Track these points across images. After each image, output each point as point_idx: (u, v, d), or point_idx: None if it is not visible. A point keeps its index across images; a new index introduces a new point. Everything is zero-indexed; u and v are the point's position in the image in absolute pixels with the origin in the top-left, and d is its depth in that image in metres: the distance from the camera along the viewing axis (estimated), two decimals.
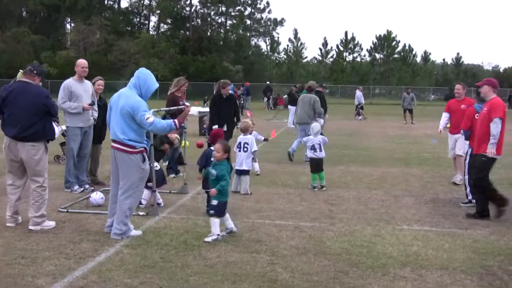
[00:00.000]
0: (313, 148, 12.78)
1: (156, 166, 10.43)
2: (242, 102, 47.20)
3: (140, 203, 10.33)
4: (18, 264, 7.16)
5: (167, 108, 12.12)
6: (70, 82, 11.88)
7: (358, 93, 42.01)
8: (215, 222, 8.47)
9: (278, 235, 8.80)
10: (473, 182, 10.63)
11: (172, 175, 13.89)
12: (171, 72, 77.69)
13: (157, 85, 8.69)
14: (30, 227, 8.83)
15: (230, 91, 15.16)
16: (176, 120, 8.70)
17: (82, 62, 12.08)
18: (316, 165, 12.74)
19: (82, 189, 11.95)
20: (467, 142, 11.79)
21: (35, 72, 9.02)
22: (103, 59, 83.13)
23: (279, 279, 6.82)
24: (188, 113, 9.39)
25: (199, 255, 7.67)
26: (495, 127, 10.21)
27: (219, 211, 8.54)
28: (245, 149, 12.33)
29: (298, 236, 8.80)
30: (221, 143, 8.69)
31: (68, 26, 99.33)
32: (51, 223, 9.02)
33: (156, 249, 7.89)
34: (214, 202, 8.48)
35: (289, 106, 34.79)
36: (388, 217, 10.27)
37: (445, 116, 14.33)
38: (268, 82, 67.47)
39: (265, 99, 57.08)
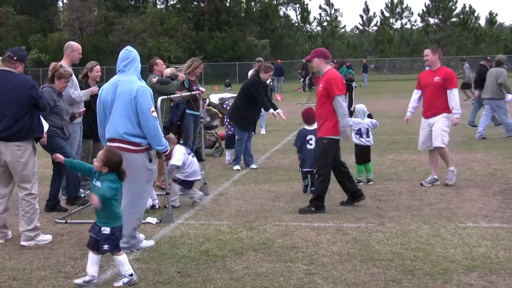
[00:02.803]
0: (359, 132, 12.72)
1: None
2: (272, 84, 47.16)
3: (154, 206, 10.49)
4: (9, 287, 7.23)
5: (179, 95, 12.17)
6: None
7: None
8: (119, 259, 7.30)
9: (316, 240, 8.81)
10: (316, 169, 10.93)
11: None
12: (185, 52, 78.18)
13: None
14: (22, 243, 8.91)
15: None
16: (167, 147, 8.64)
17: (78, 46, 12.08)
18: (363, 154, 12.67)
19: (83, 194, 12.05)
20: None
21: (15, 58, 9.00)
22: (103, 40, 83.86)
23: None
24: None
25: (223, 267, 7.70)
26: (338, 106, 10.40)
27: (116, 242, 7.31)
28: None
29: (341, 239, 8.80)
30: (104, 152, 7.44)
31: (60, 3, 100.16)
32: (46, 237, 9.10)
33: (172, 262, 7.94)
34: (106, 230, 7.22)
35: None
36: (449, 213, 10.22)
37: (415, 95, 12.93)
38: (304, 60, 67.30)
39: (301, 79, 57.07)
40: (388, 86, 45.97)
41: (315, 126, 11.81)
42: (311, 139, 12.05)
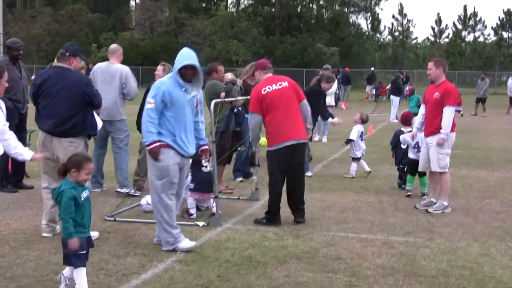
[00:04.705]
0: (416, 146, 12.53)
1: (206, 167, 10.54)
2: (338, 92, 47.04)
3: (190, 213, 10.56)
4: (50, 281, 7.32)
5: (233, 99, 12.18)
6: None
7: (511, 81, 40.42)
8: (79, 272, 6.76)
9: (362, 252, 8.71)
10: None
11: (239, 179, 13.98)
12: (254, 56, 78.15)
13: (184, 63, 8.55)
14: None
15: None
16: (154, 145, 8.54)
17: None
18: (413, 167, 12.49)
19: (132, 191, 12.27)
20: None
21: (67, 54, 9.17)
22: (173, 41, 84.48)
23: None
24: None
25: (264, 274, 7.67)
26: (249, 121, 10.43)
27: (83, 255, 6.79)
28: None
29: (387, 253, 8.69)
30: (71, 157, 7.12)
31: (132, 2, 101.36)
32: (93, 234, 9.09)
33: (213, 266, 7.94)
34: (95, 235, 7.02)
35: (392, 96, 34.49)
36: (502, 232, 10.00)
37: (421, 110, 12.05)
38: (372, 68, 66.89)
39: (369, 87, 56.55)
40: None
41: (410, 128, 13.14)
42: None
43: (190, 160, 9.44)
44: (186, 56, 8.60)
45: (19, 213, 10.78)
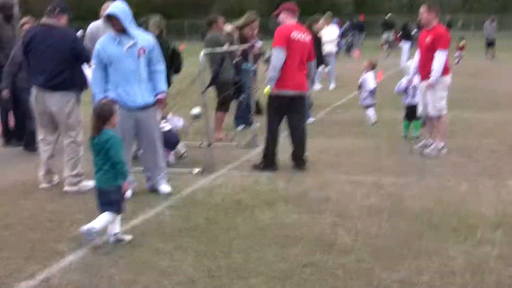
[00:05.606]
0: (406, 91, 12.61)
1: (163, 127, 10.29)
2: (351, 39, 46.90)
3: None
4: (43, 228, 7.56)
5: (226, 48, 12.23)
6: None
7: None
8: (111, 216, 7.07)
9: (351, 193, 8.85)
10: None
11: (241, 127, 14.08)
12: (269, 8, 77.63)
13: (104, 14, 8.80)
14: (65, 188, 9.23)
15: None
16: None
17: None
18: (409, 112, 12.62)
19: None
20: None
21: (56, 11, 9.25)
22: None
23: (338, 243, 6.89)
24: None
25: (250, 217, 7.85)
26: (273, 57, 10.22)
27: (119, 203, 7.16)
28: None
29: (375, 194, 8.82)
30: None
31: None
32: (90, 183, 9.15)
33: (203, 210, 8.14)
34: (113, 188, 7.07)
35: (402, 42, 34.40)
36: (494, 170, 10.09)
37: (416, 56, 11.91)
38: (389, 14, 65.92)
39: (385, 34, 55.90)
40: (473, 44, 44.17)
41: None
42: None
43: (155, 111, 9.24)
44: (109, 8, 8.69)
45: (21, 165, 11.07)
